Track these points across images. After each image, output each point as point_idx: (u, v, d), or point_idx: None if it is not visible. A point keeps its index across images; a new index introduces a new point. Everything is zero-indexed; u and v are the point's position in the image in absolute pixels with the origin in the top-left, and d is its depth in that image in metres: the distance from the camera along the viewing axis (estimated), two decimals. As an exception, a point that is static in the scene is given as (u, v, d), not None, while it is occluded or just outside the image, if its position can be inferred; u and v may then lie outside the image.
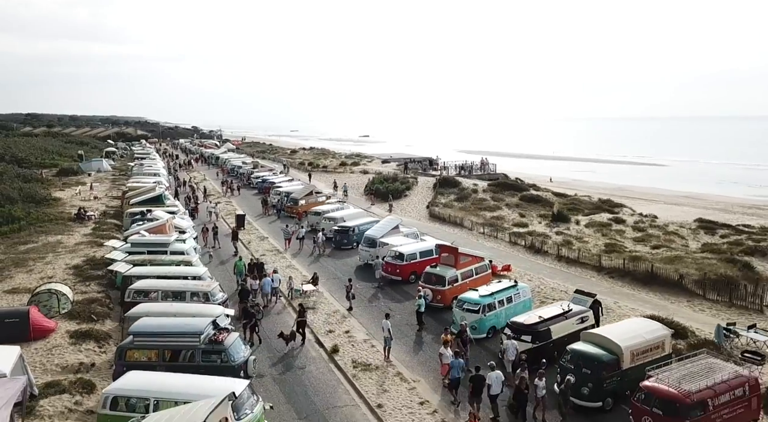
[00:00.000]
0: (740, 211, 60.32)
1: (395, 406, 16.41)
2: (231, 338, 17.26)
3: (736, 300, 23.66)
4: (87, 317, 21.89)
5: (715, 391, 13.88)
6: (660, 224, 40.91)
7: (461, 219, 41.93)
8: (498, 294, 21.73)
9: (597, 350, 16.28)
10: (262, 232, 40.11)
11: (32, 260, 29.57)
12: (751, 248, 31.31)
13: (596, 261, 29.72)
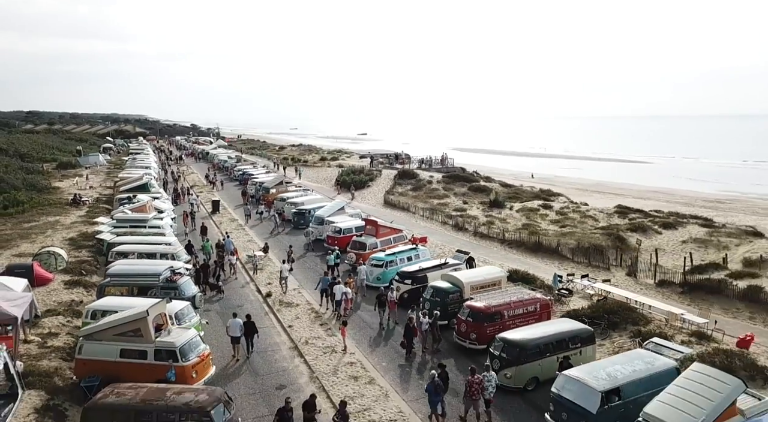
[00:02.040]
0: (700, 205, 65.79)
1: (301, 326, 22.47)
2: (183, 279, 23.26)
3: (594, 262, 29.74)
4: (78, 272, 27.92)
5: (510, 306, 19.92)
6: (583, 210, 46.84)
7: (409, 205, 48.08)
8: (399, 254, 27.82)
9: (447, 284, 22.32)
10: (233, 216, 46.28)
11: (34, 234, 35.61)
12: (636, 226, 37.31)
13: (501, 236, 35.84)
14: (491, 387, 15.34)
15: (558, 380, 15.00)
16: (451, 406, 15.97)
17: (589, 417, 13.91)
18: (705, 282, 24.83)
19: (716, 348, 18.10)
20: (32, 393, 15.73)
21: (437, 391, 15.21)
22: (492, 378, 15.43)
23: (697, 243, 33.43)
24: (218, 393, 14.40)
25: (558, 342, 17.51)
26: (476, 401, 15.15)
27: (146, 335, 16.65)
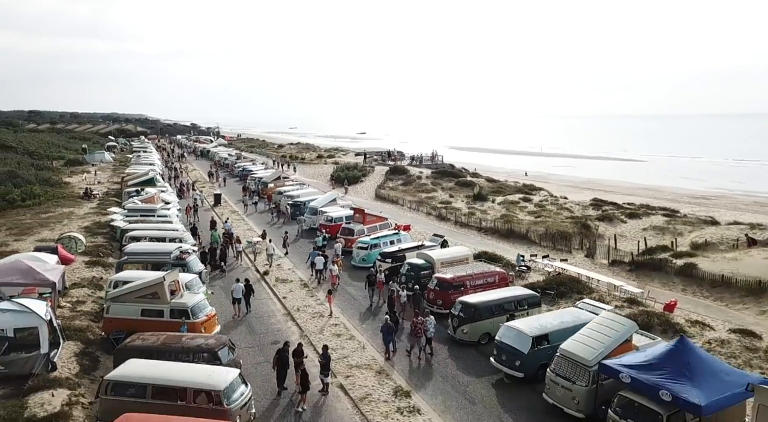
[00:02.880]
0: (685, 201, 69.14)
1: (294, 297, 25.88)
2: (190, 257, 26.62)
3: (558, 245, 33.17)
4: (96, 254, 31.28)
5: (471, 277, 23.32)
6: (561, 203, 50.20)
7: (398, 198, 51.52)
8: (383, 238, 31.23)
9: (421, 261, 25.72)
10: (234, 208, 49.76)
11: (52, 223, 38.95)
12: (604, 216, 40.72)
13: (479, 224, 39.26)
14: (431, 328, 19.06)
15: (500, 330, 18.40)
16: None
17: (521, 356, 17.30)
18: (649, 261, 28.28)
19: (642, 310, 21.52)
20: (70, 343, 19.09)
21: (389, 331, 18.89)
22: (431, 322, 19.14)
23: (655, 231, 36.89)
24: (224, 339, 17.79)
25: (507, 304, 20.90)
26: (419, 338, 18.86)
27: (163, 297, 20.02)
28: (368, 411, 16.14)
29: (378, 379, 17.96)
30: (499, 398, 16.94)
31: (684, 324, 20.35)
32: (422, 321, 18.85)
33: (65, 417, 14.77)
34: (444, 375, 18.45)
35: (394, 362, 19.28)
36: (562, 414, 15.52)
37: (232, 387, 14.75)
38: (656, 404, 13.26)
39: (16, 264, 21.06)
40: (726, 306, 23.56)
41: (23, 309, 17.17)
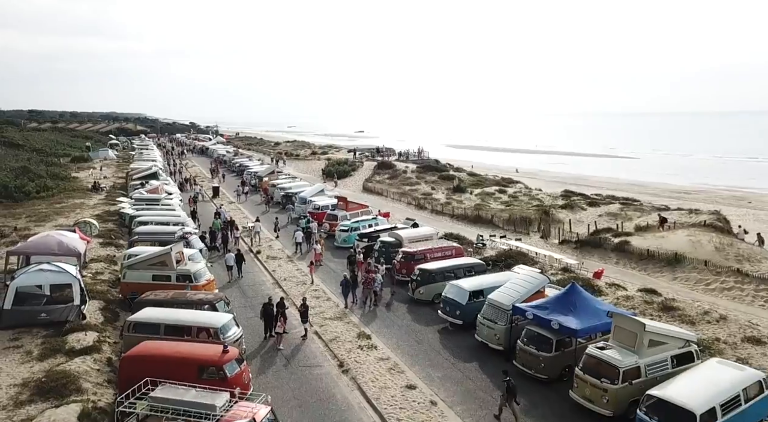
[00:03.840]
0: (666, 195, 73.25)
1: (281, 270, 30.08)
2: (192, 237, 30.77)
3: (518, 229, 37.38)
4: (109, 237, 35.44)
5: (431, 251, 27.50)
6: (533, 194, 54.37)
7: (383, 190, 55.75)
8: (362, 222, 35.38)
9: (392, 239, 29.87)
10: (231, 199, 53.97)
11: (66, 211, 43.04)
12: (567, 204, 44.92)
13: (452, 212, 43.48)
14: (379, 282, 24.07)
15: (446, 287, 22.58)
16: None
17: (461, 307, 21.49)
18: (591, 240, 32.50)
19: (572, 276, 25.68)
20: (94, 302, 23.21)
21: (347, 285, 23.69)
22: (378, 278, 23.81)
23: (609, 216, 41.10)
24: (220, 295, 21.97)
25: (457, 270, 25.04)
26: (369, 290, 23.20)
27: (170, 264, 24.15)
28: (336, 348, 20.31)
29: (346, 327, 22.15)
30: (442, 340, 21.12)
31: (603, 286, 24.55)
32: (372, 277, 23.23)
33: (96, 350, 18.92)
34: (400, 325, 22.62)
35: (358, 315, 23.51)
36: (486, 348, 19.70)
37: (226, 326, 18.87)
38: (549, 332, 17.44)
39: (48, 238, 25.24)
40: (647, 274, 27.81)
41: (58, 269, 21.32)
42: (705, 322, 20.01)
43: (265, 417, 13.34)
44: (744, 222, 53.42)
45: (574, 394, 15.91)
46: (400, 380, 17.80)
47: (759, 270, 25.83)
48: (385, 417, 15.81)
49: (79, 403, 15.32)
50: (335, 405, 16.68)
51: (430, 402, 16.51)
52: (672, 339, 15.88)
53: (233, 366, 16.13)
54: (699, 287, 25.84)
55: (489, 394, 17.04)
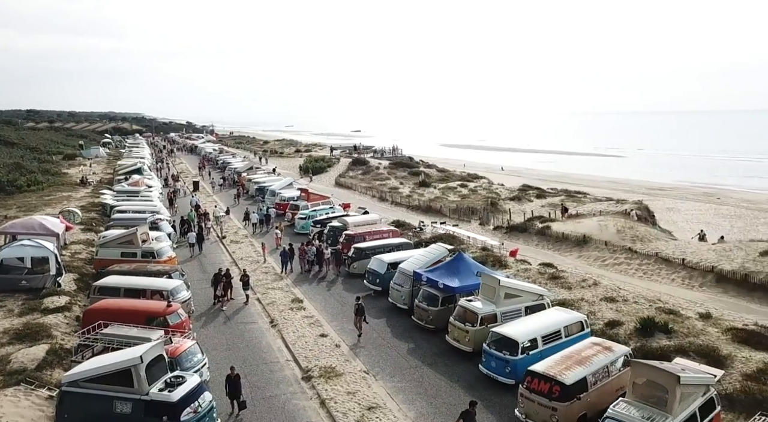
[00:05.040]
0: (641, 191, 76.80)
1: (241, 251, 33.88)
2: (162, 223, 34.58)
3: (462, 217, 41.25)
4: (90, 224, 39.22)
5: (370, 233, 31.30)
6: (492, 188, 58.18)
7: (353, 184, 59.58)
8: (319, 211, 39.18)
9: (339, 224, 33.65)
10: (209, 192, 57.82)
11: (54, 203, 46.82)
12: (515, 196, 48.78)
13: (410, 204, 47.32)
14: (312, 254, 28.28)
15: (371, 261, 26.39)
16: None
17: (380, 276, 25.32)
18: (519, 226, 36.36)
19: (488, 253, 29.49)
20: (70, 274, 27.00)
21: (285, 255, 28.03)
22: (312, 250, 28.01)
23: (550, 206, 44.94)
24: (176, 267, 25.81)
25: (385, 247, 28.82)
26: (303, 260, 27.08)
27: (136, 243, 27.94)
28: (271, 310, 24.13)
29: (284, 294, 25.97)
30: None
31: (512, 261, 28.36)
32: (304, 249, 27.20)
33: (67, 309, 22.71)
34: (332, 292, 26.45)
35: (298, 285, 27.34)
36: (395, 308, 23.53)
37: (176, 290, 22.64)
38: (437, 290, 21.28)
39: (31, 220, 29.13)
40: (559, 253, 31.68)
41: (38, 245, 25.12)
42: (579, 287, 23.82)
43: (189, 347, 17.14)
44: (704, 216, 57.42)
45: (448, 337, 19.74)
46: (317, 331, 21.63)
47: (646, 249, 29.59)
48: (296, 355, 19.63)
49: (48, 344, 19.13)
50: (259, 348, 20.50)
51: (335, 345, 20.33)
52: (526, 294, 19.73)
53: (176, 317, 19.90)
54: (596, 263, 29.67)
55: (387, 341, 20.86)
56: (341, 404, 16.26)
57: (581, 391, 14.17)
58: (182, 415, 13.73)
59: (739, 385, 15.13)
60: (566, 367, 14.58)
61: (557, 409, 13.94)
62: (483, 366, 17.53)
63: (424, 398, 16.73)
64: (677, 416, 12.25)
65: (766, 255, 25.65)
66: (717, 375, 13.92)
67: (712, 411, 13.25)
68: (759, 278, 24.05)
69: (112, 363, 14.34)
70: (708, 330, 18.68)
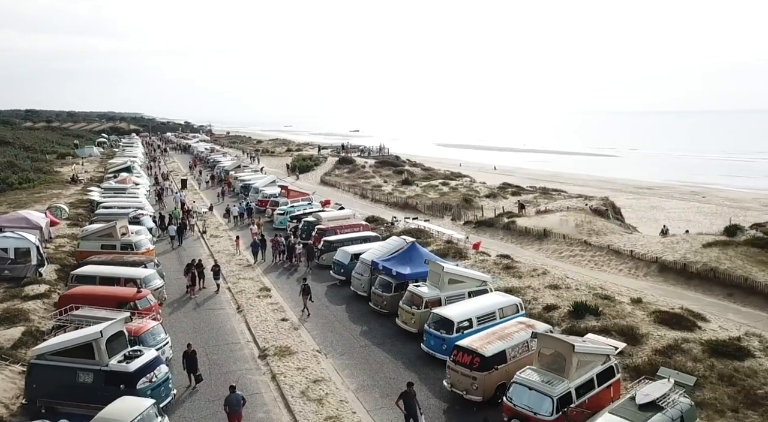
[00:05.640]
0: (628, 190, 78.65)
1: (219, 245, 35.36)
2: (144, 218, 36.08)
3: (436, 213, 42.75)
4: (76, 219, 40.71)
5: (342, 227, 32.79)
6: (472, 186, 59.60)
7: (337, 182, 61.08)
8: (297, 207, 40.67)
9: (312, 219, 35.15)
10: (197, 189, 59.36)
11: (44, 200, 48.23)
12: (491, 194, 50.28)
13: (388, 201, 48.83)
14: (283, 245, 29.67)
15: (337, 252, 27.89)
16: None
17: (344, 266, 26.83)
18: (486, 221, 37.88)
19: (451, 246, 30.97)
20: (53, 265, 28.49)
21: (256, 245, 29.68)
22: (282, 242, 29.34)
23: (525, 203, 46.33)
24: (152, 258, 27.28)
25: (353, 240, 30.29)
26: (275, 250, 28.56)
27: (115, 236, 29.43)
28: (239, 298, 25.62)
29: (254, 283, 27.47)
30: (327, 292, 26.45)
31: (472, 253, 29.86)
32: (276, 240, 28.82)
33: (46, 296, 24.17)
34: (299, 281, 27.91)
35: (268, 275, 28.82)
36: (357, 295, 25.02)
37: (148, 278, 24.14)
38: (391, 278, 22.79)
39: (16, 215, 30.65)
40: (521, 246, 33.19)
41: (20, 237, 26.60)
42: (529, 276, 25.31)
43: (152, 327, 18.64)
44: (686, 214, 58.86)
45: (398, 320, 21.25)
46: (278, 316, 23.12)
47: (600, 242, 31.08)
48: (256, 337, 21.13)
49: (24, 326, 20.63)
50: (223, 331, 22.00)
51: (294, 328, 21.84)
52: (469, 280, 21.25)
53: (145, 302, 21.39)
54: (554, 255, 31.15)
55: (343, 325, 22.36)
56: (290, 378, 17.75)
57: (500, 363, 15.66)
58: (138, 384, 15.21)
59: (647, 358, 16.65)
60: (488, 342, 16.08)
61: (477, 378, 15.43)
62: (424, 345, 19.03)
63: (367, 373, 18.23)
64: (573, 380, 13.76)
65: (707, 247, 27.18)
66: (619, 348, 15.44)
67: (610, 378, 14.76)
68: (696, 267, 25.53)
69: (75, 338, 15.83)
70: (636, 313, 20.19)
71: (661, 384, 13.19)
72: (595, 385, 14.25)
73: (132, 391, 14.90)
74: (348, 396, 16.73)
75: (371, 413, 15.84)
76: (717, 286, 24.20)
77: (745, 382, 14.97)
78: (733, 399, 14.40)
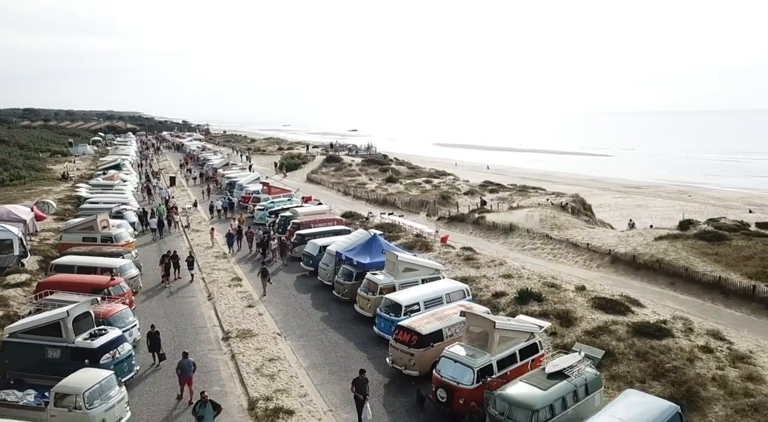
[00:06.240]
0: (615, 189, 79.98)
1: (199, 239, 36.65)
2: (127, 213, 37.40)
3: (412, 209, 44.08)
4: (63, 215, 41.98)
5: (315, 221, 34.08)
6: (454, 184, 60.85)
7: (322, 180, 62.40)
8: (278, 202, 41.97)
9: (289, 214, 36.46)
10: (185, 186, 60.65)
11: (34, 196, 49.51)
12: (469, 191, 51.62)
13: (369, 198, 50.14)
14: (259, 237, 31.00)
15: (307, 245, 29.21)
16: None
17: (313, 257, 28.14)
18: (458, 216, 39.22)
19: (419, 239, 32.27)
20: (36, 256, 29.78)
21: (231, 237, 30.99)
22: (260, 233, 30.49)
23: (500, 200, 47.74)
24: (129, 249, 28.57)
25: (325, 233, 31.60)
26: (250, 241, 29.94)
27: (96, 228, 30.72)
28: (212, 287, 26.91)
29: (227, 274, 28.76)
30: (295, 282, 27.76)
31: (438, 246, 31.18)
32: (251, 232, 30.12)
33: (27, 285, 25.48)
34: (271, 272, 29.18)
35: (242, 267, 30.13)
36: (323, 285, 26.33)
37: (124, 268, 25.45)
38: (352, 267, 24.12)
39: (1, 208, 31.86)
40: (488, 240, 34.51)
41: (3, 229, 27.90)
42: (487, 267, 26.64)
43: (121, 310, 19.96)
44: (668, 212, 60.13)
45: (356, 306, 22.57)
46: (246, 303, 24.42)
47: (560, 235, 32.42)
48: (222, 321, 22.43)
49: (3, 311, 21.93)
50: (192, 316, 23.31)
51: (259, 313, 23.15)
52: (423, 268, 22.59)
53: (118, 289, 22.73)
54: (517, 248, 32.50)
55: (305, 311, 23.68)
56: (248, 357, 19.06)
57: (436, 340, 16.98)
58: (101, 359, 16.53)
59: (576, 338, 17.98)
60: (427, 322, 17.41)
61: (414, 354, 16.76)
62: (376, 328, 20.36)
63: (320, 352, 19.56)
64: (495, 354, 15.10)
65: (658, 240, 28.48)
66: (543, 327, 16.78)
67: (533, 354, 16.09)
68: (644, 259, 26.83)
69: (44, 318, 17.16)
70: (577, 299, 21.52)
71: (571, 357, 14.52)
72: (517, 359, 15.58)
73: (95, 366, 16.21)
74: (299, 372, 18.05)
75: (318, 387, 17.16)
76: (661, 276, 25.53)
77: (657, 358, 16.28)
78: (643, 372, 15.73)
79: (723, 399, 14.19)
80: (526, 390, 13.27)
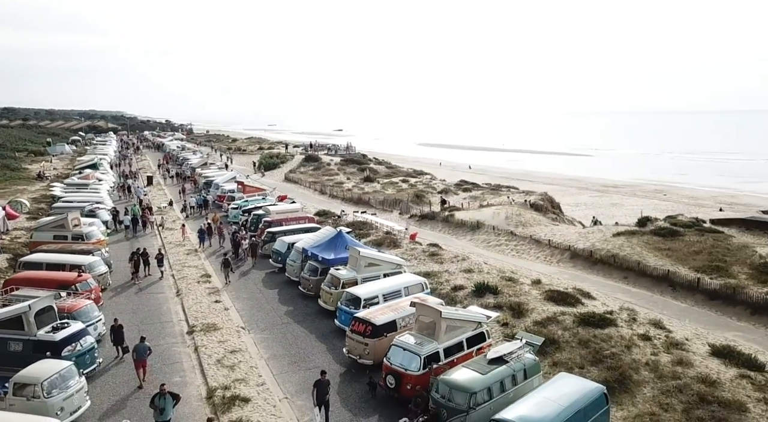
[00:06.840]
0: (594, 188, 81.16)
1: (171, 237, 36.99)
2: (99, 211, 37.61)
3: (386, 207, 44.78)
4: (36, 214, 42.02)
5: (287, 219, 34.63)
6: (430, 182, 61.71)
7: (300, 179, 62.89)
8: (252, 201, 42.42)
9: (261, 212, 36.93)
10: (162, 185, 60.74)
11: (8, 195, 49.40)
12: (443, 190, 52.46)
13: (345, 196, 50.76)
14: (226, 234, 31.78)
15: (276, 242, 29.75)
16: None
17: (282, 254, 28.71)
18: (428, 214, 40.04)
19: (389, 236, 32.98)
20: (6, 254, 29.95)
21: (202, 232, 31.56)
22: (238, 233, 30.77)
23: (471, 199, 48.64)
24: (99, 247, 28.90)
25: (295, 231, 32.14)
26: (221, 237, 30.62)
27: (66, 227, 30.99)
28: (180, 283, 27.36)
29: (197, 271, 29.22)
30: (264, 279, 28.30)
31: (406, 243, 31.93)
32: (221, 228, 30.85)
33: (-4, 282, 25.76)
34: (241, 270, 29.76)
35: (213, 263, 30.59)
36: (290, 281, 26.92)
37: (92, 265, 25.84)
38: (318, 263, 24.75)
39: (-30, 206, 31.97)
40: (456, 237, 35.34)
41: (-27, 227, 28.11)
42: (450, 262, 27.46)
43: (85, 305, 20.39)
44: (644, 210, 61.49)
45: (320, 300, 23.21)
46: (213, 298, 24.93)
47: (524, 232, 33.39)
48: (188, 316, 22.93)
49: (-30, 307, 22.20)
50: (159, 312, 23.77)
51: (225, 308, 23.69)
52: (385, 263, 23.32)
53: (85, 285, 23.13)
54: (482, 244, 33.39)
55: (271, 306, 24.26)
56: (210, 349, 19.61)
57: (390, 331, 17.69)
58: (63, 352, 16.98)
59: (525, 328, 18.80)
60: (381, 313, 18.12)
61: (368, 344, 17.45)
62: (337, 321, 21.02)
63: (282, 345, 20.17)
64: (442, 342, 15.85)
65: (616, 236, 29.52)
66: (491, 316, 17.57)
67: (481, 342, 16.87)
68: (600, 254, 27.85)
69: (7, 312, 17.56)
70: (531, 292, 22.38)
71: (512, 344, 15.31)
72: (464, 347, 16.34)
73: (57, 357, 16.66)
74: (259, 363, 18.65)
75: (276, 376, 17.78)
76: (616, 270, 26.54)
77: (598, 345, 17.15)
78: (583, 359, 16.58)
79: (652, 382, 15.08)
80: (466, 375, 14.02)
